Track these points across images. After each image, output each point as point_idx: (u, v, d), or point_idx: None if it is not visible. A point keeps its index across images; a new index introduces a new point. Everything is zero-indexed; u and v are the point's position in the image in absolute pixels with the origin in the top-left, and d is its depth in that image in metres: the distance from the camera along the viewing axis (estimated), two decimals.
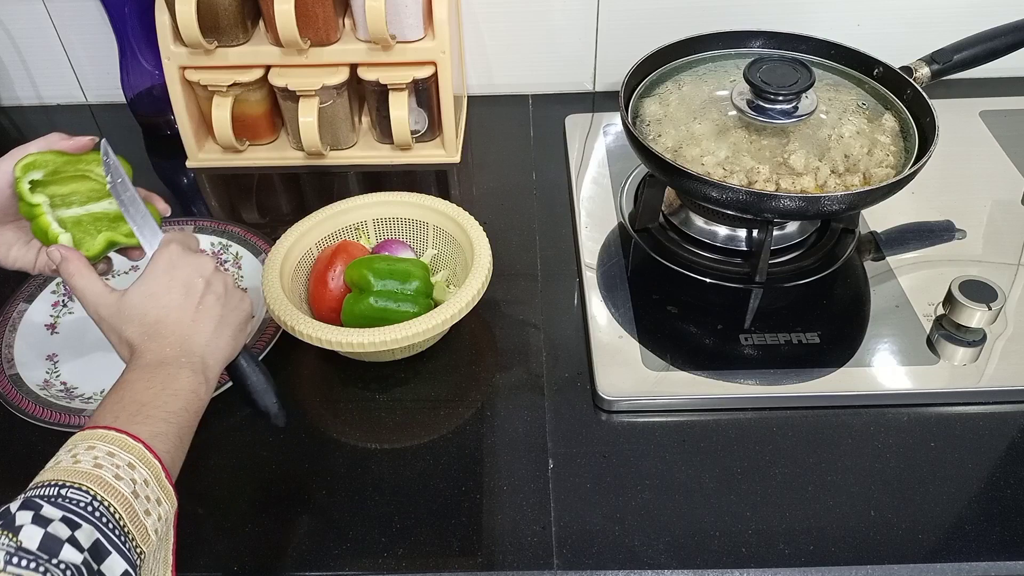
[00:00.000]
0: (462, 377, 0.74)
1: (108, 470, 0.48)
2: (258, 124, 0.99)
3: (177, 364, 0.56)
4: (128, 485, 0.48)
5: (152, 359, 0.56)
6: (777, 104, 0.77)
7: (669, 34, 0.88)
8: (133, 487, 0.48)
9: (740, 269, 0.82)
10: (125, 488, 0.47)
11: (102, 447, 0.49)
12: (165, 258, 0.60)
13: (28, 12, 1.04)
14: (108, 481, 0.47)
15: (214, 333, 0.59)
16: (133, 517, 0.47)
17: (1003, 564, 0.59)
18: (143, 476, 0.49)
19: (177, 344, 0.57)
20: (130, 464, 0.49)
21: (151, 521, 0.48)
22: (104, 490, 0.47)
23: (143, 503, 0.48)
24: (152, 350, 0.56)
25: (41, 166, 0.62)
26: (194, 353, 0.57)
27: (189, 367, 0.56)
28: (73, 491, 0.46)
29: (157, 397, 0.54)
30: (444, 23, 0.89)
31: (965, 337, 0.73)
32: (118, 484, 0.47)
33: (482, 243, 0.74)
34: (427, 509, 0.64)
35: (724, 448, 0.67)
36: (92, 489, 0.46)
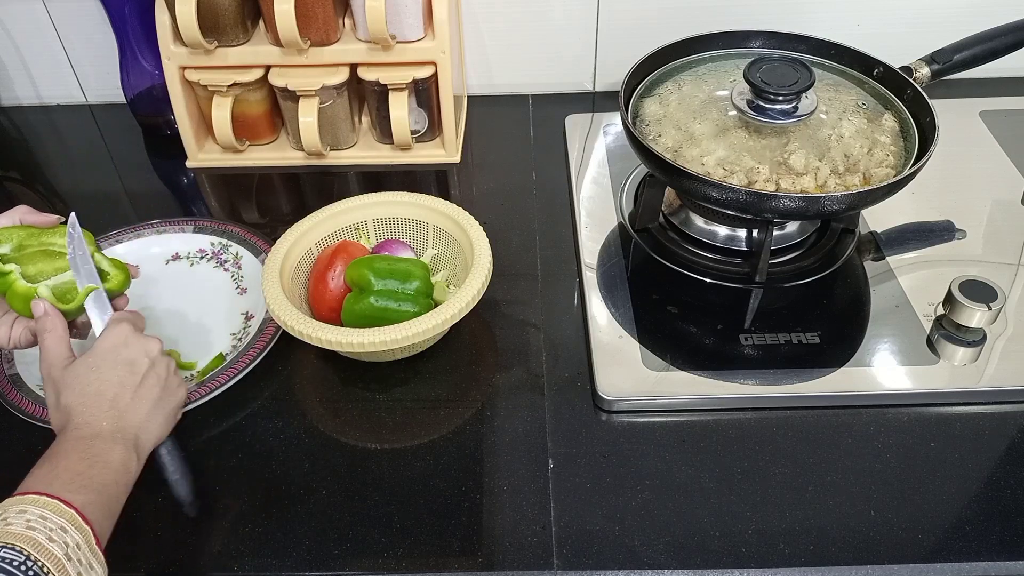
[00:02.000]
0: (462, 377, 0.74)
1: (41, 532, 0.48)
2: (258, 124, 0.99)
3: (112, 439, 0.58)
4: (61, 548, 0.48)
5: (87, 432, 0.57)
6: (777, 104, 0.77)
7: (669, 34, 0.88)
8: (66, 550, 0.48)
9: (740, 269, 0.82)
10: (58, 550, 0.48)
11: (34, 510, 0.49)
12: (115, 335, 0.62)
13: (28, 12, 1.04)
14: (41, 543, 0.47)
15: (149, 413, 0.61)
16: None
17: (1003, 564, 0.59)
18: (75, 540, 0.49)
19: (113, 420, 0.59)
20: (63, 528, 0.49)
21: None
22: (38, 551, 0.47)
23: (75, 566, 0.48)
24: (88, 423, 0.58)
25: (5, 240, 0.64)
26: (128, 431, 0.59)
27: (123, 443, 0.58)
28: (6, 551, 0.46)
29: (91, 468, 0.55)
30: (444, 23, 0.89)
31: (965, 337, 0.73)
32: (51, 546, 0.48)
33: (482, 243, 0.74)
34: (427, 509, 0.64)
35: (724, 448, 0.67)
36: (25, 549, 0.46)
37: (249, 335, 0.76)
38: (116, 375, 0.60)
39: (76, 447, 0.56)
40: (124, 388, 0.60)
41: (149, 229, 0.88)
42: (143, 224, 0.88)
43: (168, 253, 0.87)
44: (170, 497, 0.65)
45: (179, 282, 0.84)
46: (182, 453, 0.68)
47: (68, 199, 0.99)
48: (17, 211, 0.66)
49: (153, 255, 0.86)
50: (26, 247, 0.65)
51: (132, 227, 0.87)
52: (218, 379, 0.71)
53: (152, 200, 0.98)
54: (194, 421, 0.70)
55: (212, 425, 0.70)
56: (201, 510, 0.65)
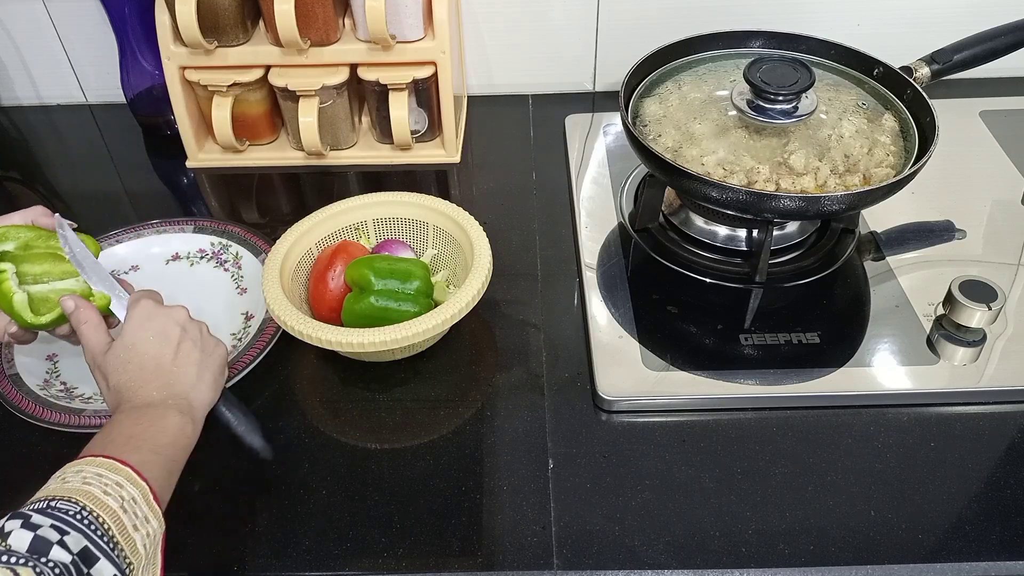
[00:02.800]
0: (462, 377, 0.74)
1: (97, 487, 0.49)
2: (258, 124, 0.99)
3: (164, 406, 0.59)
4: (116, 500, 0.49)
5: (139, 402, 0.59)
6: (777, 104, 0.77)
7: (669, 34, 0.88)
8: (121, 503, 0.49)
9: (740, 269, 0.82)
10: (113, 503, 0.49)
11: (91, 469, 0.50)
12: (139, 312, 0.63)
13: (28, 12, 1.04)
14: (97, 495, 0.48)
15: (196, 377, 0.62)
16: (122, 529, 0.48)
17: (1003, 564, 0.59)
18: (131, 494, 0.50)
19: (162, 388, 0.60)
20: (118, 483, 0.50)
21: (140, 536, 0.49)
22: (93, 503, 0.48)
23: (131, 518, 0.49)
24: (139, 395, 0.59)
25: (12, 238, 0.64)
26: (180, 396, 0.60)
27: (176, 408, 0.59)
28: (62, 503, 0.47)
29: (145, 432, 0.56)
30: (444, 23, 0.89)
31: (965, 337, 0.73)
32: (106, 498, 0.48)
33: (482, 243, 0.74)
34: (427, 509, 0.64)
35: (724, 448, 0.67)
36: (81, 501, 0.47)
37: (249, 335, 0.76)
38: (152, 348, 0.61)
39: (130, 416, 0.57)
40: (163, 357, 0.61)
41: (149, 229, 0.87)
42: (143, 224, 0.88)
43: (168, 253, 0.87)
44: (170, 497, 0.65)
45: (179, 282, 0.84)
46: None
47: (68, 199, 1.00)
48: (32, 211, 0.67)
49: (153, 255, 0.86)
50: (32, 247, 0.65)
51: (132, 227, 0.87)
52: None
53: (152, 200, 0.98)
54: None
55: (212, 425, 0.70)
56: (201, 510, 0.65)
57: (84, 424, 0.68)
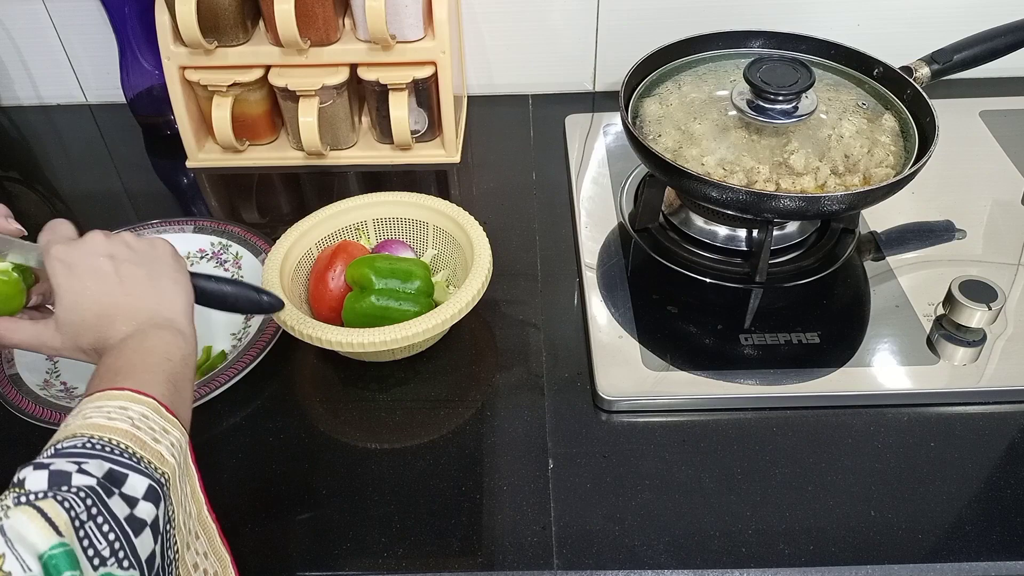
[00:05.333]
0: (462, 377, 0.74)
1: (100, 416, 0.46)
2: (258, 124, 0.99)
3: (140, 333, 0.54)
4: (125, 421, 0.46)
5: (116, 342, 0.54)
6: (777, 104, 0.77)
7: (669, 34, 0.88)
8: (131, 422, 0.46)
9: (740, 269, 0.82)
10: (122, 423, 0.46)
11: (89, 406, 0.48)
12: (58, 264, 0.57)
13: (28, 12, 1.04)
14: (101, 424, 0.45)
15: (153, 290, 0.57)
16: (141, 444, 0.45)
17: (1003, 564, 0.59)
18: (139, 412, 0.47)
19: (128, 320, 0.55)
20: (122, 407, 0.47)
21: (164, 447, 0.47)
22: (100, 430, 0.45)
23: (147, 432, 0.46)
24: (112, 337, 0.55)
25: None
26: (149, 318, 0.55)
27: (153, 328, 0.55)
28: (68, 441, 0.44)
29: (131, 360, 0.52)
30: (444, 23, 0.89)
31: (965, 337, 0.73)
32: (113, 422, 0.46)
33: (482, 243, 0.74)
34: (427, 509, 0.64)
35: (724, 448, 0.67)
36: (86, 433, 0.45)
37: (249, 335, 0.76)
38: (92, 291, 0.56)
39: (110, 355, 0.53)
40: (110, 294, 0.56)
41: (149, 229, 0.87)
42: (143, 224, 0.88)
43: None
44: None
45: None
46: None
47: (68, 199, 1.00)
48: None
49: None
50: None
51: (132, 227, 0.87)
52: (218, 379, 0.71)
53: (152, 200, 0.98)
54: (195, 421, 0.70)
55: (212, 425, 0.70)
56: None
57: None
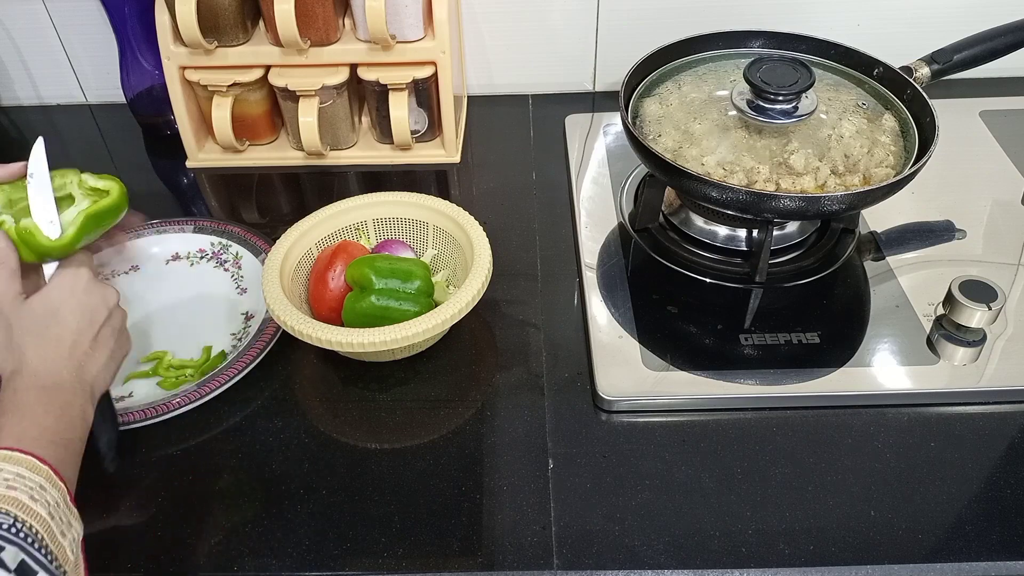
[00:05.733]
0: (462, 377, 0.74)
1: (23, 491, 0.47)
2: (258, 124, 0.99)
3: (72, 391, 0.56)
4: (44, 506, 0.47)
5: (49, 381, 0.55)
6: (777, 104, 0.77)
7: (669, 34, 0.88)
8: (48, 508, 0.47)
9: (740, 269, 0.82)
10: (42, 509, 0.47)
11: (10, 468, 0.48)
12: (73, 278, 0.59)
13: (28, 12, 1.04)
14: (25, 502, 0.47)
15: (104, 365, 0.59)
16: (53, 537, 0.47)
17: (1003, 564, 0.59)
18: (54, 498, 0.49)
19: (73, 370, 0.57)
20: (41, 486, 0.48)
21: (67, 542, 0.48)
22: (24, 512, 0.46)
23: (59, 523, 0.48)
24: (49, 371, 0.56)
25: None
26: (86, 382, 0.57)
27: (82, 395, 0.57)
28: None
29: (57, 423, 0.53)
30: (444, 23, 0.89)
31: (965, 337, 0.73)
32: (35, 505, 0.47)
33: (482, 243, 0.74)
34: (427, 509, 0.64)
35: (724, 448, 0.67)
36: (12, 511, 0.46)
37: (249, 335, 0.76)
38: (75, 322, 0.58)
39: (40, 398, 0.54)
40: (83, 337, 0.58)
41: (149, 229, 0.87)
42: (143, 224, 0.88)
43: (168, 253, 0.87)
44: (170, 497, 0.65)
45: (179, 282, 0.84)
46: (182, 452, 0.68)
47: None
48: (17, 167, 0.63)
49: (153, 255, 0.86)
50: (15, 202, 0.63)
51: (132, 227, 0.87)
52: (218, 379, 0.71)
53: (152, 200, 0.98)
54: (194, 421, 0.70)
55: (212, 425, 0.70)
56: (201, 510, 0.65)
57: None
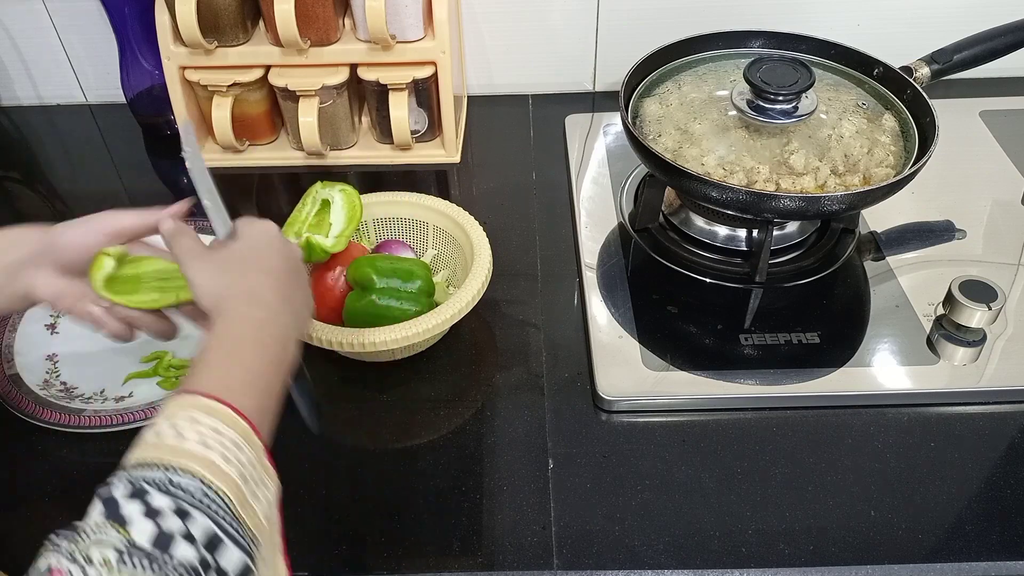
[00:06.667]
0: (462, 377, 0.74)
1: (216, 450, 0.44)
2: (258, 124, 0.99)
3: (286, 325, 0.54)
4: (236, 467, 0.44)
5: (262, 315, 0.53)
6: (777, 104, 0.77)
7: (669, 34, 0.88)
8: (241, 468, 0.45)
9: (740, 269, 0.82)
10: (234, 471, 0.44)
11: (206, 421, 0.45)
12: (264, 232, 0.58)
13: (28, 12, 1.04)
14: (218, 464, 0.44)
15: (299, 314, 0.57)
16: (244, 503, 0.44)
17: (1003, 564, 0.59)
18: (249, 457, 0.46)
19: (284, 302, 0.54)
20: (236, 444, 0.45)
21: (260, 506, 0.45)
22: (214, 475, 0.43)
23: (251, 487, 0.45)
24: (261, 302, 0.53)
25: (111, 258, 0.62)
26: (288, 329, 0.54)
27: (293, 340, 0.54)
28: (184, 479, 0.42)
29: (263, 375, 0.50)
30: (444, 23, 0.89)
31: (965, 337, 0.73)
32: (227, 467, 0.44)
33: (482, 243, 0.74)
34: (427, 509, 0.64)
35: (724, 448, 0.67)
36: (201, 473, 0.43)
37: None
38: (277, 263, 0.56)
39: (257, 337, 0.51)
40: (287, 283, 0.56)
41: None
42: None
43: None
44: None
45: None
46: None
47: (68, 199, 1.00)
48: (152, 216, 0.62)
49: None
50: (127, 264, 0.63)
51: None
52: None
53: (152, 200, 0.97)
54: None
55: None
56: None
57: (84, 424, 0.68)
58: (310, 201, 0.76)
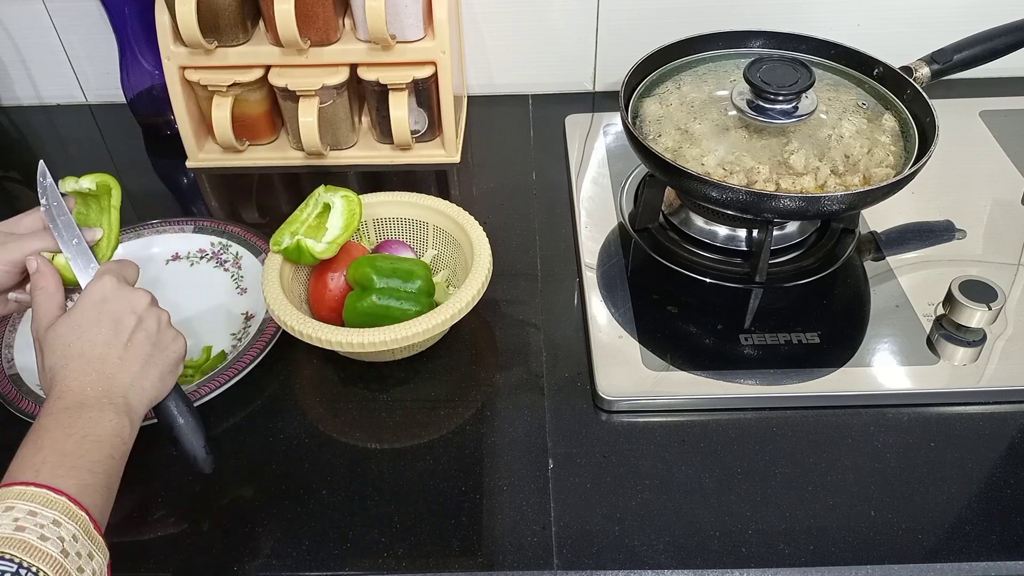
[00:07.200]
0: (462, 377, 0.74)
1: (32, 532, 0.45)
2: (258, 124, 0.99)
3: (99, 407, 0.53)
4: (56, 544, 0.45)
5: (72, 401, 0.53)
6: (777, 104, 0.77)
7: (669, 34, 0.88)
8: (62, 545, 0.45)
9: (740, 269, 0.82)
10: (53, 548, 0.45)
11: (22, 506, 0.46)
12: (97, 290, 0.58)
13: (28, 12, 1.04)
14: (33, 544, 0.44)
15: (140, 373, 0.56)
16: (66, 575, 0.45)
17: (1003, 564, 0.59)
18: (71, 532, 0.46)
19: (99, 383, 0.54)
20: (55, 521, 0.46)
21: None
22: (30, 555, 0.44)
23: (74, 560, 0.45)
24: (72, 390, 0.54)
25: None
26: (117, 394, 0.55)
27: (112, 409, 0.54)
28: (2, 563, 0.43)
29: (79, 446, 0.51)
30: (444, 23, 0.89)
31: (965, 337, 0.73)
32: (44, 545, 0.45)
33: (482, 243, 0.74)
34: (427, 509, 0.64)
35: (724, 448, 0.67)
36: (16, 556, 0.43)
37: (249, 335, 0.76)
38: (100, 334, 0.56)
39: (60, 421, 0.52)
40: (110, 348, 0.56)
41: (149, 229, 0.88)
42: (143, 224, 0.88)
43: (168, 253, 0.87)
44: (170, 497, 0.65)
45: (179, 282, 0.84)
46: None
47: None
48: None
49: (153, 255, 0.86)
50: None
51: (132, 227, 0.87)
52: (218, 379, 0.71)
53: (152, 200, 0.98)
54: None
55: (212, 425, 0.70)
56: (201, 510, 0.65)
57: None
58: (312, 203, 0.76)
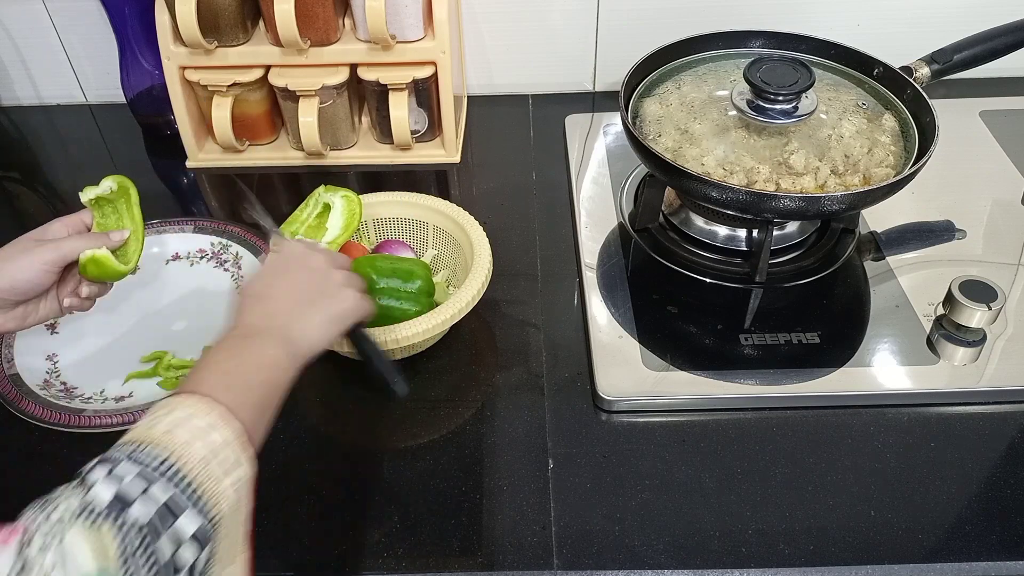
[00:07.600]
0: (462, 377, 0.74)
1: (184, 431, 0.47)
2: (258, 124, 0.99)
3: (262, 338, 0.57)
4: (204, 447, 0.47)
5: (241, 332, 0.58)
6: (777, 104, 0.77)
7: (669, 34, 0.88)
8: (210, 448, 0.48)
9: (740, 269, 0.82)
10: (201, 449, 0.47)
11: (182, 411, 0.49)
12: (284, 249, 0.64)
13: (28, 12, 1.04)
14: (185, 442, 0.47)
15: (302, 313, 0.60)
16: (208, 477, 0.47)
17: (1003, 564, 0.59)
18: (223, 437, 0.48)
19: (264, 319, 0.58)
20: (210, 425, 0.48)
21: (230, 481, 0.48)
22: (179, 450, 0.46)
23: (219, 464, 0.48)
24: (243, 323, 0.58)
25: None
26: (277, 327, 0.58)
27: (272, 341, 0.57)
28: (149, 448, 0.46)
29: (240, 367, 0.54)
30: (444, 23, 0.89)
31: (965, 337, 0.73)
32: (194, 444, 0.47)
33: (482, 243, 0.74)
34: (427, 509, 0.64)
35: (724, 448, 0.67)
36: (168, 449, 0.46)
37: None
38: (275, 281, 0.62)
39: (228, 346, 0.56)
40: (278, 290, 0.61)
41: (149, 229, 0.87)
42: None
43: (168, 253, 0.87)
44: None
45: (179, 282, 0.84)
46: None
47: (68, 199, 0.99)
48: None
49: (153, 255, 0.86)
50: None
51: None
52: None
53: (152, 200, 0.98)
54: None
55: None
56: None
57: (84, 424, 0.68)
58: (312, 203, 0.76)
